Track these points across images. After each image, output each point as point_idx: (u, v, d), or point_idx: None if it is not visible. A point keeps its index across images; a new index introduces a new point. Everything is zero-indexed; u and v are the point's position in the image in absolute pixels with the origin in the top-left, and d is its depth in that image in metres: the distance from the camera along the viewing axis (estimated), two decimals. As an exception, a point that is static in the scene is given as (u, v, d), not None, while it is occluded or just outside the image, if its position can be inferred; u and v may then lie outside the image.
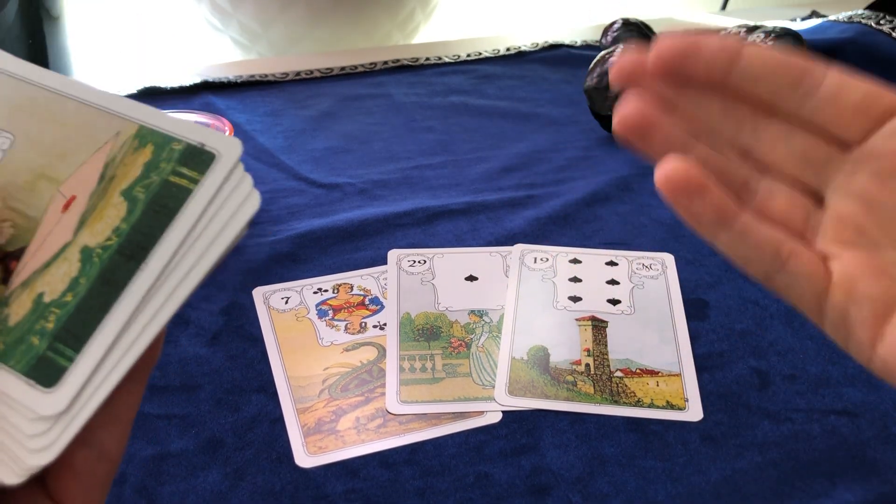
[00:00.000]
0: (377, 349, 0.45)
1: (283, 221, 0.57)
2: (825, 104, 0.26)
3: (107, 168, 0.26)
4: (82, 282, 0.25)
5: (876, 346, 0.26)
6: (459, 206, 0.58)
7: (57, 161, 0.27)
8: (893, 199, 0.26)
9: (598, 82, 0.68)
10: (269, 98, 0.79)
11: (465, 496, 0.37)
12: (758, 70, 0.27)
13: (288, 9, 1.26)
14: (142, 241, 0.25)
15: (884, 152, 0.26)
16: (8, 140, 0.28)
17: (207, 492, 0.37)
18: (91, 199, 0.26)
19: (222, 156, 0.26)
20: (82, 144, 0.27)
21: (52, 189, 0.27)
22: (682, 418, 0.41)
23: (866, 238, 0.26)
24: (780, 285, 0.27)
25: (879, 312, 0.26)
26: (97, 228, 0.25)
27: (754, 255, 0.27)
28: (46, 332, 0.24)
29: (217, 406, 0.41)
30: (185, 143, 0.26)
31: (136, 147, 0.27)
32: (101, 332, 0.24)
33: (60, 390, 0.23)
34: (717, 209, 0.26)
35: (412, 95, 0.79)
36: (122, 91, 0.78)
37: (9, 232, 0.26)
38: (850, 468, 0.38)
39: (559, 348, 0.45)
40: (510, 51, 0.90)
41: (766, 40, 0.72)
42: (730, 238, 0.27)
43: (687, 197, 0.26)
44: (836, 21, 0.90)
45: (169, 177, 0.26)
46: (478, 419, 0.40)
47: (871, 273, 0.26)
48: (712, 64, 0.27)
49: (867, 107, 0.26)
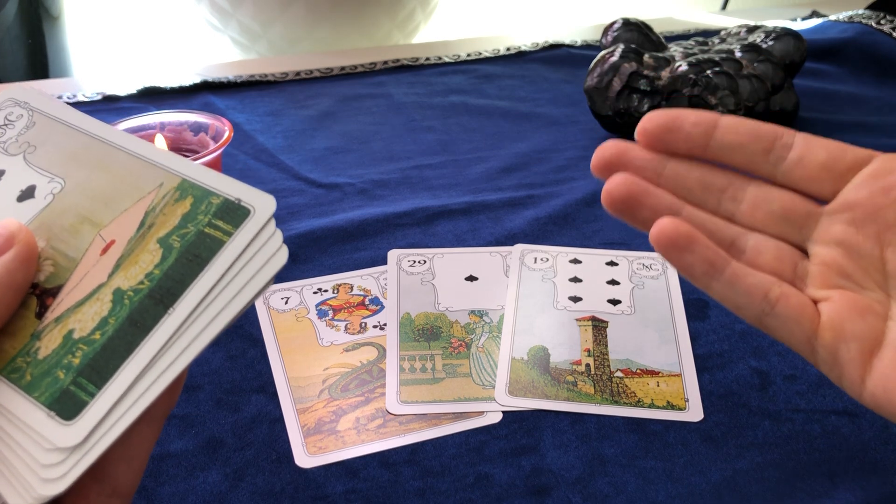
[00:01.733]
0: (377, 349, 0.45)
1: (283, 221, 0.57)
2: (795, 167, 0.29)
3: (147, 216, 0.28)
4: (111, 321, 0.26)
5: (865, 380, 0.28)
6: (459, 206, 0.58)
7: (101, 207, 0.29)
8: (870, 243, 0.28)
9: (599, 82, 0.68)
10: (268, 98, 0.79)
11: (466, 496, 0.36)
12: (732, 141, 0.29)
13: (288, 9, 1.26)
14: (172, 287, 0.26)
15: (855, 202, 0.29)
16: (59, 184, 0.30)
17: (207, 492, 0.37)
18: (129, 244, 0.27)
19: (256, 212, 0.27)
20: (127, 193, 0.29)
21: (93, 232, 0.28)
22: (683, 418, 0.41)
23: (851, 280, 0.29)
24: (772, 327, 0.29)
25: (866, 349, 0.28)
26: (131, 272, 0.27)
27: (745, 301, 0.29)
28: (72, 367, 0.25)
29: (217, 406, 0.41)
30: (223, 198, 0.27)
31: (176, 198, 0.28)
32: (123, 371, 0.25)
33: (78, 424, 0.24)
34: (708, 259, 0.28)
35: (412, 95, 0.79)
36: (122, 91, 0.78)
37: (48, 270, 0.28)
38: (851, 468, 0.38)
39: (559, 348, 0.44)
40: (510, 51, 0.90)
41: (767, 40, 0.72)
42: (721, 286, 0.29)
43: (679, 250, 0.28)
44: (837, 21, 0.90)
45: (205, 228, 0.27)
46: (478, 419, 0.40)
47: (857, 312, 0.28)
48: (691, 137, 0.30)
49: (832, 166, 0.29)
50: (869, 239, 0.28)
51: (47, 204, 0.29)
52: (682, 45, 0.72)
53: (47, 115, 0.31)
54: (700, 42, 0.73)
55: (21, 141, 0.31)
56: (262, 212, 0.27)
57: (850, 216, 0.29)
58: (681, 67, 0.66)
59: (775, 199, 0.30)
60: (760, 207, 0.30)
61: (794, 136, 0.29)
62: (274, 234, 0.27)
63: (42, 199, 0.29)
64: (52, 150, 0.30)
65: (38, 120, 0.31)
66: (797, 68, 0.72)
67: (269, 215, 0.27)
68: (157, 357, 0.25)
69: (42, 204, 0.29)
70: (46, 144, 0.31)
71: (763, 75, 0.66)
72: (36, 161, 0.30)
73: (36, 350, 0.26)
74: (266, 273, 0.26)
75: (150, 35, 1.65)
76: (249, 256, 0.26)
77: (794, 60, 0.71)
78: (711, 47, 0.71)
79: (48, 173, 0.30)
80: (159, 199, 0.28)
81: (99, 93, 0.78)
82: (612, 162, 0.30)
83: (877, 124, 0.71)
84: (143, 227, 0.28)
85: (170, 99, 0.77)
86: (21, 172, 0.30)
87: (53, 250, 0.28)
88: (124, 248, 0.27)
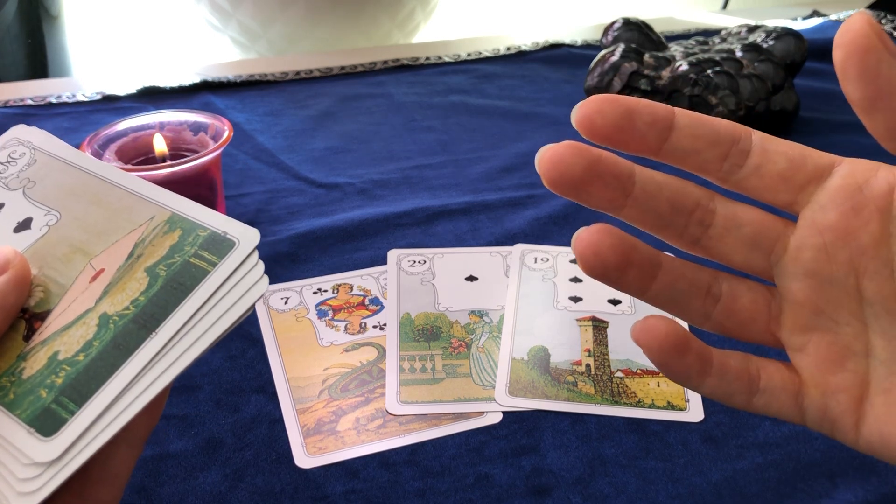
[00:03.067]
0: (377, 349, 0.45)
1: (282, 221, 0.57)
2: (752, 176, 0.27)
3: (136, 247, 0.29)
4: (95, 344, 0.27)
5: (859, 429, 0.27)
6: (459, 206, 0.58)
7: (94, 238, 0.30)
8: (843, 271, 0.26)
9: (599, 82, 0.68)
10: (268, 98, 0.79)
11: (466, 497, 0.36)
12: (688, 146, 0.27)
13: (287, 9, 1.26)
14: (156, 313, 0.27)
15: (824, 226, 0.26)
16: (55, 217, 0.31)
17: (207, 493, 0.37)
18: (118, 272, 0.29)
19: (240, 244, 0.29)
20: (120, 226, 0.30)
21: (84, 261, 0.30)
22: (683, 419, 0.40)
23: (824, 317, 0.27)
24: (761, 406, 0.28)
25: (856, 396, 0.27)
26: (118, 299, 0.28)
27: (735, 388, 0.27)
28: (55, 387, 0.26)
29: (216, 407, 0.41)
30: (210, 231, 0.29)
31: (166, 231, 0.30)
32: (104, 390, 0.26)
33: (57, 440, 0.25)
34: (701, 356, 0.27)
35: (412, 95, 0.79)
36: (121, 91, 0.77)
37: (39, 296, 0.29)
38: (851, 468, 0.38)
39: (560, 349, 0.44)
40: (510, 50, 0.90)
41: (768, 40, 0.72)
42: (714, 380, 0.27)
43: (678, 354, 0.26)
44: (837, 21, 0.90)
45: (190, 258, 0.28)
46: (478, 420, 0.40)
47: (837, 361, 0.27)
48: (646, 139, 0.27)
49: (790, 176, 0.27)
50: (842, 267, 0.26)
51: (42, 235, 0.31)
52: (682, 44, 0.72)
53: (48, 154, 0.33)
54: (700, 42, 0.73)
55: (22, 177, 0.33)
56: (245, 244, 0.29)
57: (820, 242, 0.26)
58: (681, 67, 0.66)
59: (744, 223, 0.28)
60: (730, 232, 0.28)
61: (752, 141, 0.27)
62: (256, 264, 0.28)
63: (38, 231, 0.31)
64: (51, 185, 0.32)
65: (39, 158, 0.33)
66: (798, 68, 0.72)
67: (253, 247, 0.29)
68: (138, 378, 0.26)
69: (37, 235, 0.31)
70: (45, 180, 0.32)
71: (764, 75, 0.66)
72: (34, 195, 0.32)
73: (21, 370, 0.27)
74: (246, 300, 0.28)
75: (150, 35, 1.65)
76: (231, 285, 0.28)
77: (795, 60, 0.71)
78: (712, 47, 0.71)
79: (45, 206, 0.32)
80: (149, 231, 0.30)
81: (99, 92, 0.78)
82: (582, 180, 0.27)
83: (877, 124, 0.71)
84: (132, 256, 0.29)
85: (169, 99, 0.77)
86: (19, 205, 0.32)
87: (45, 277, 0.29)
88: (112, 276, 0.29)
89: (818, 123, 0.71)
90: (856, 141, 0.67)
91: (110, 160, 0.52)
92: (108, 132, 0.53)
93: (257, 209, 0.59)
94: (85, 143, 0.51)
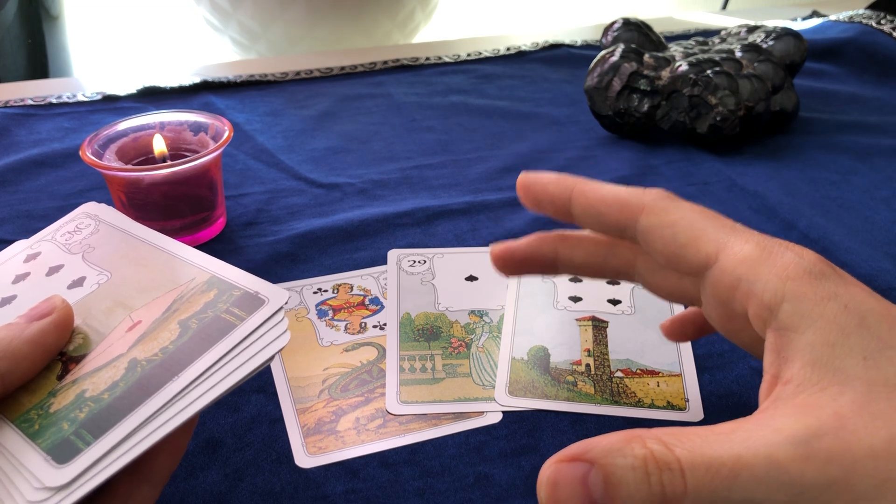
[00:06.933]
0: (377, 349, 0.45)
1: (282, 221, 0.57)
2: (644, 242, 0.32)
3: (174, 303, 0.32)
4: (121, 385, 0.29)
5: None
6: (459, 206, 0.58)
7: (136, 294, 0.33)
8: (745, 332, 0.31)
9: (599, 82, 0.68)
10: (268, 98, 0.79)
11: (465, 497, 0.36)
12: (585, 214, 0.33)
13: (288, 9, 1.26)
14: (182, 359, 0.29)
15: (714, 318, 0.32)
16: (106, 277, 0.35)
17: (207, 492, 0.37)
18: (153, 324, 0.31)
19: (270, 302, 0.31)
20: (163, 285, 0.33)
21: (125, 314, 0.32)
22: (683, 419, 0.40)
23: None
24: None
25: None
26: (149, 346, 0.30)
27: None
28: (77, 420, 0.28)
29: (216, 406, 0.41)
30: (244, 291, 0.32)
31: (203, 290, 0.32)
32: (121, 424, 0.27)
33: (69, 467, 0.26)
34: None
35: (412, 95, 0.79)
36: (121, 91, 0.77)
37: (78, 341, 0.31)
38: (851, 469, 0.38)
39: (559, 348, 0.44)
40: (510, 51, 0.90)
41: (767, 40, 0.72)
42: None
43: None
44: (837, 21, 0.90)
45: (222, 314, 0.31)
46: (478, 419, 0.40)
47: None
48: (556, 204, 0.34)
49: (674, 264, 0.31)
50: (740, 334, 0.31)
51: (91, 291, 0.34)
52: (682, 44, 0.72)
53: (111, 225, 0.37)
54: (700, 42, 0.73)
55: (84, 243, 0.37)
56: (274, 302, 0.31)
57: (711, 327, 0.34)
58: (681, 67, 0.66)
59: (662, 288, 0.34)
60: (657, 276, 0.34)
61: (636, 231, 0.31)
62: (281, 321, 0.31)
63: (88, 288, 0.34)
64: (108, 250, 0.36)
65: (101, 228, 0.37)
66: (797, 68, 0.72)
67: (281, 305, 0.31)
68: (154, 416, 0.28)
69: (87, 291, 0.34)
70: (104, 246, 0.36)
71: (763, 75, 0.66)
72: (91, 258, 0.36)
73: (49, 405, 0.29)
74: (267, 352, 0.30)
75: (150, 35, 1.65)
76: (255, 338, 0.30)
77: (795, 60, 0.71)
78: (712, 47, 0.71)
79: (98, 268, 0.35)
80: (188, 290, 0.32)
81: (99, 92, 0.78)
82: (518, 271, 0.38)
83: (877, 124, 0.71)
84: (169, 311, 0.32)
85: (170, 99, 0.77)
86: (77, 267, 0.35)
87: (87, 327, 0.32)
88: (148, 326, 0.31)
89: (818, 123, 0.71)
90: (856, 141, 0.67)
91: (110, 160, 0.52)
92: (108, 132, 0.53)
93: (257, 209, 0.59)
94: (85, 143, 0.51)
